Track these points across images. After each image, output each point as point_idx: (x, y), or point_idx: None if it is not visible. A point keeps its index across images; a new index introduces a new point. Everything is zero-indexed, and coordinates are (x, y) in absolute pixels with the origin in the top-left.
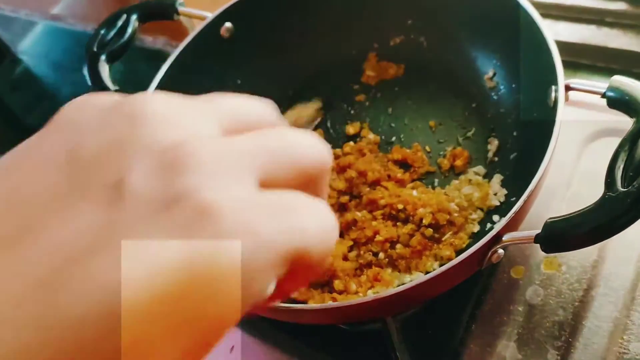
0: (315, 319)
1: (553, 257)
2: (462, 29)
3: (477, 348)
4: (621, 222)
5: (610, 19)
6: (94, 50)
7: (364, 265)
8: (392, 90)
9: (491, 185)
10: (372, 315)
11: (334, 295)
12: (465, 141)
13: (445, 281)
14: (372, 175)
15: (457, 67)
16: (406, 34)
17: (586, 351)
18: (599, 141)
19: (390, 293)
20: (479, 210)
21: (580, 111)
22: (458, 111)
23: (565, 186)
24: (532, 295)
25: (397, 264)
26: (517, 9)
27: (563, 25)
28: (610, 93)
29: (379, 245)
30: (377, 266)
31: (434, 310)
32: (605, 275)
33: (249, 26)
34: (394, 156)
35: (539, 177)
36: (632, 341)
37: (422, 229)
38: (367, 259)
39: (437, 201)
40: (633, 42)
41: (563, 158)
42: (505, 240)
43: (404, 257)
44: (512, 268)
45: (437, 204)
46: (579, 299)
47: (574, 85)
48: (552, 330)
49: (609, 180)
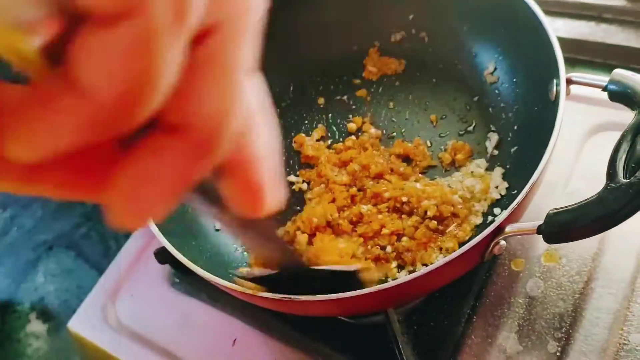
0: (318, 310)
1: (553, 250)
2: (463, 24)
3: (479, 339)
4: (623, 213)
5: (609, 15)
6: None
7: (372, 259)
8: (393, 85)
9: (492, 177)
10: (376, 306)
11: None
12: (467, 135)
13: (448, 272)
14: (375, 168)
15: (458, 62)
16: (407, 30)
17: (586, 342)
18: (599, 135)
19: (394, 284)
20: (483, 201)
21: (581, 106)
22: (459, 105)
23: (566, 179)
24: (533, 287)
25: (403, 256)
26: (518, 4)
27: (562, 22)
28: (611, 86)
29: (387, 239)
30: (385, 260)
31: (435, 303)
32: (605, 268)
33: None
34: (395, 150)
35: (541, 170)
36: (632, 332)
37: (427, 222)
38: (375, 253)
39: (441, 193)
40: (631, 37)
41: (564, 151)
42: (507, 232)
43: (410, 250)
44: (513, 261)
45: (441, 196)
46: (579, 291)
47: (575, 79)
48: (553, 321)
49: (611, 171)
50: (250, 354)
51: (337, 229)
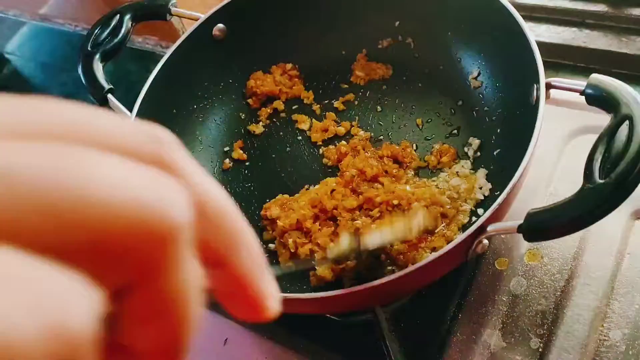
0: (307, 308)
1: (535, 249)
2: (448, 30)
3: (464, 337)
4: (599, 212)
5: (591, 21)
6: (88, 49)
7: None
8: (380, 90)
9: (477, 178)
10: (363, 304)
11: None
12: (452, 138)
13: (433, 271)
14: (371, 171)
15: (443, 67)
16: (394, 36)
17: (567, 339)
18: (579, 138)
19: (381, 282)
20: (469, 200)
21: (562, 109)
22: (444, 109)
23: (547, 180)
24: (516, 285)
25: (396, 260)
26: (500, 11)
27: (546, 27)
28: (589, 90)
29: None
30: (379, 266)
31: (422, 301)
32: (585, 266)
33: (242, 27)
34: (384, 152)
35: (521, 171)
36: (612, 329)
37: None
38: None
39: (430, 194)
40: (613, 42)
41: (546, 153)
42: (489, 231)
43: (402, 252)
44: (497, 260)
45: (430, 197)
46: (560, 289)
47: (554, 83)
48: (535, 319)
49: (588, 172)
50: (241, 353)
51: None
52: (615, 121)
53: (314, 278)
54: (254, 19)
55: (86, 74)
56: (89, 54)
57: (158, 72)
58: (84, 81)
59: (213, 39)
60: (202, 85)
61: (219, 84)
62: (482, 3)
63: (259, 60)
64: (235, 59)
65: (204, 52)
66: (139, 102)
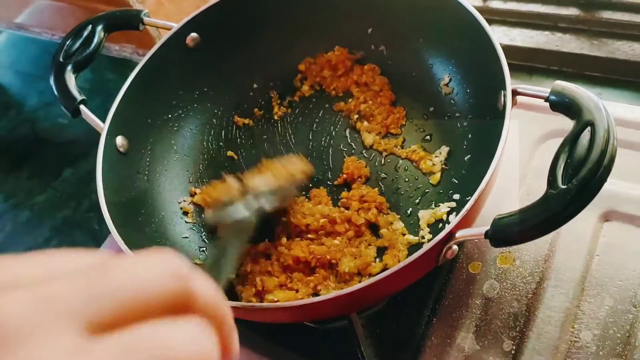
0: (283, 317)
1: (508, 252)
2: (419, 37)
3: (438, 340)
4: (562, 217)
5: (563, 24)
6: (60, 60)
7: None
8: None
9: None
10: (338, 312)
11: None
12: (424, 143)
13: (405, 277)
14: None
15: (415, 74)
16: (367, 44)
17: (539, 340)
18: (549, 142)
19: (352, 290)
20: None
21: (534, 114)
22: (417, 115)
23: (518, 184)
24: (489, 289)
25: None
26: (466, 17)
27: (519, 31)
28: (552, 97)
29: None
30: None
31: (397, 306)
32: (556, 269)
33: (214, 36)
34: (340, 181)
35: (488, 177)
36: (582, 330)
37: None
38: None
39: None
40: (585, 46)
41: (516, 158)
42: (458, 237)
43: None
44: (470, 264)
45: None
46: (532, 291)
47: (520, 90)
48: (508, 321)
49: (551, 178)
50: None
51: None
52: (577, 127)
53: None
54: (226, 29)
55: (58, 86)
56: (61, 65)
57: (131, 82)
58: (56, 93)
59: (187, 48)
60: (176, 94)
61: (194, 93)
62: (449, 9)
63: (232, 68)
64: (209, 68)
65: (177, 61)
66: (112, 114)
